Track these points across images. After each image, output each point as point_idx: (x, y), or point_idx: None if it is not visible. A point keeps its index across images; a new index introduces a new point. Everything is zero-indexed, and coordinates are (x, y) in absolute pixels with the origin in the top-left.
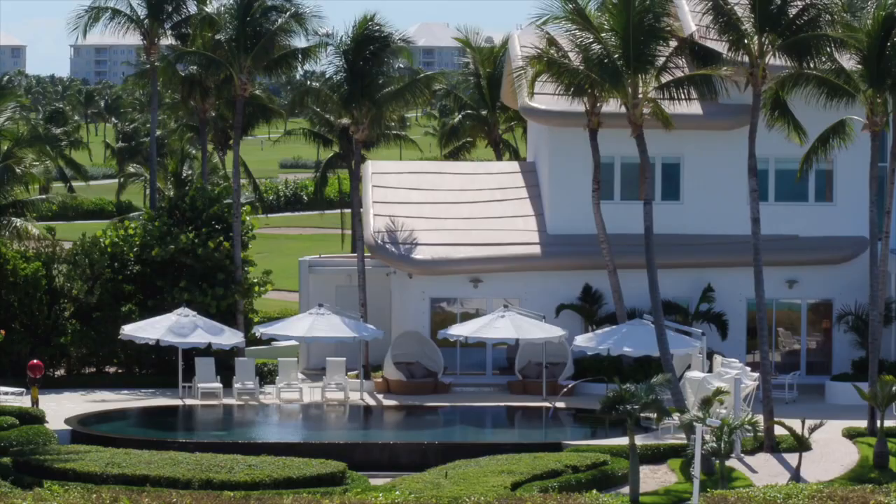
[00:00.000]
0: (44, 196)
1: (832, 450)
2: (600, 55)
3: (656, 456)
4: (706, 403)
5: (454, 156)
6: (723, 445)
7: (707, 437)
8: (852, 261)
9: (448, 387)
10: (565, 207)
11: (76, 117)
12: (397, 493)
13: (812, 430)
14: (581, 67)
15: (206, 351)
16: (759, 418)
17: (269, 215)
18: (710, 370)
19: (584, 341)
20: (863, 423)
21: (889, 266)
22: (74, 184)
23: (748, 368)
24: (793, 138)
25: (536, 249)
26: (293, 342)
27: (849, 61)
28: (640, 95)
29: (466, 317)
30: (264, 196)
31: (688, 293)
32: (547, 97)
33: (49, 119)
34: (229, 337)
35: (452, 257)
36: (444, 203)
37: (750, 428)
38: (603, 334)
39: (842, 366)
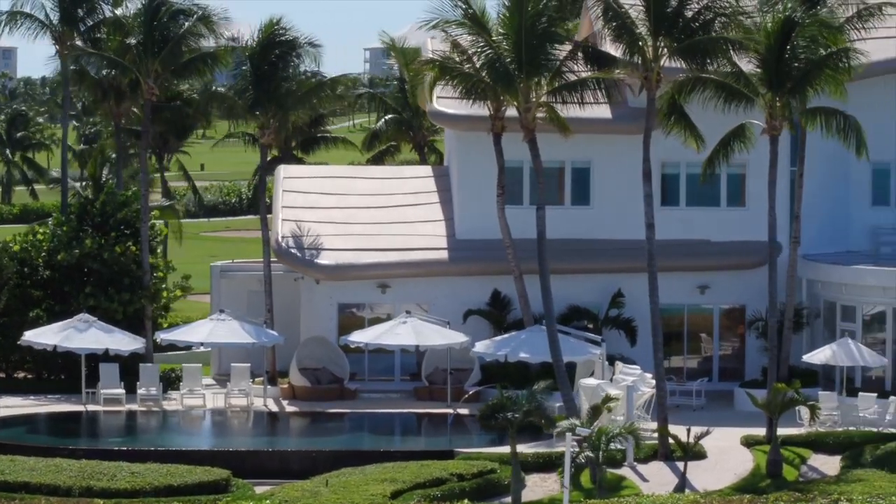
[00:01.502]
0: None
1: (728, 458)
2: (492, 59)
3: (548, 464)
4: (594, 411)
5: (378, 160)
6: (600, 454)
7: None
8: (765, 266)
9: (354, 393)
10: (474, 212)
11: (39, 119)
12: (267, 502)
13: (698, 438)
14: (473, 72)
15: (112, 357)
16: (653, 425)
17: (230, 218)
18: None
19: (483, 348)
20: (764, 431)
21: (800, 271)
22: (36, 187)
23: (649, 375)
24: (690, 144)
25: (444, 255)
26: (208, 348)
27: (748, 65)
28: (533, 100)
29: (376, 322)
30: (209, 199)
31: (598, 299)
32: (456, 101)
33: (11, 121)
34: (128, 342)
35: (359, 263)
36: (354, 208)
37: (629, 436)
38: (501, 341)
39: (754, 372)
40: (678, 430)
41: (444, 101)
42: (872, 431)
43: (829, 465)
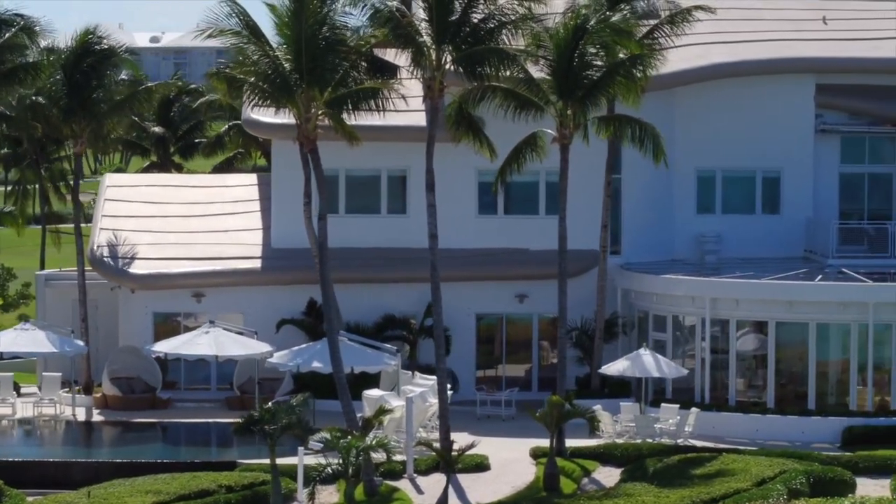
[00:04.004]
0: None
1: (510, 470)
2: (270, 68)
3: (328, 475)
4: (366, 424)
5: (224, 167)
6: (350, 467)
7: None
8: (583, 275)
9: (167, 402)
10: (289, 221)
11: None
12: None
13: (462, 451)
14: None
15: None
16: (435, 436)
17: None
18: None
19: (279, 358)
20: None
21: (617, 280)
22: None
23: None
24: (483, 153)
25: (257, 264)
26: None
27: (539, 73)
28: (314, 109)
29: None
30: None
31: (414, 308)
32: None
33: None
34: None
35: (171, 272)
36: (174, 217)
37: (381, 449)
38: (297, 350)
39: (572, 382)
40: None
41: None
42: (661, 443)
43: (612, 477)
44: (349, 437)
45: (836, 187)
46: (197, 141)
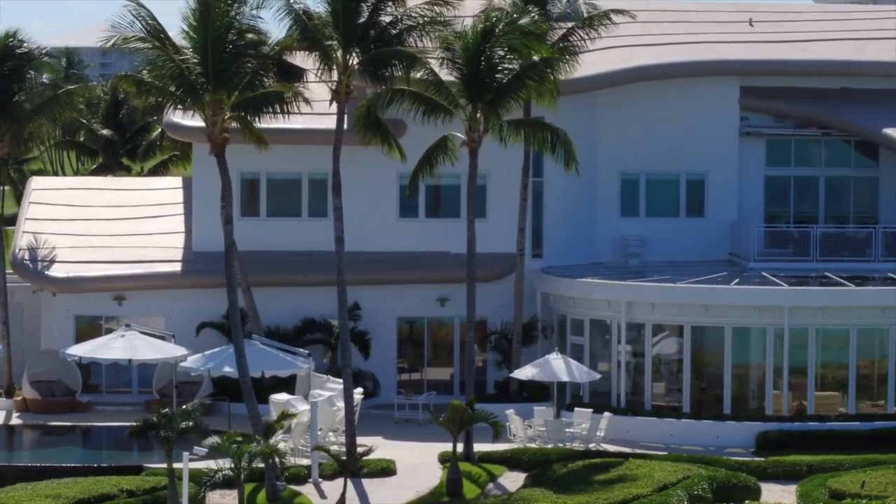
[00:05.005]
0: None
1: (417, 475)
2: (177, 73)
3: (219, 480)
4: (268, 429)
5: (158, 170)
6: (242, 472)
7: (225, 463)
8: (505, 278)
9: (87, 406)
10: (210, 224)
11: None
12: None
13: (361, 455)
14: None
15: None
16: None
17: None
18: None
19: (192, 362)
20: (480, 447)
21: (537, 284)
22: None
23: (359, 389)
24: (393, 156)
25: (177, 267)
26: None
27: (447, 76)
28: (221, 112)
29: None
30: None
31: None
32: None
33: None
34: None
35: (91, 275)
36: (97, 220)
37: (269, 454)
38: (210, 354)
39: (492, 386)
40: (385, 444)
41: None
42: (570, 448)
43: (518, 482)
44: (253, 441)
45: (762, 190)
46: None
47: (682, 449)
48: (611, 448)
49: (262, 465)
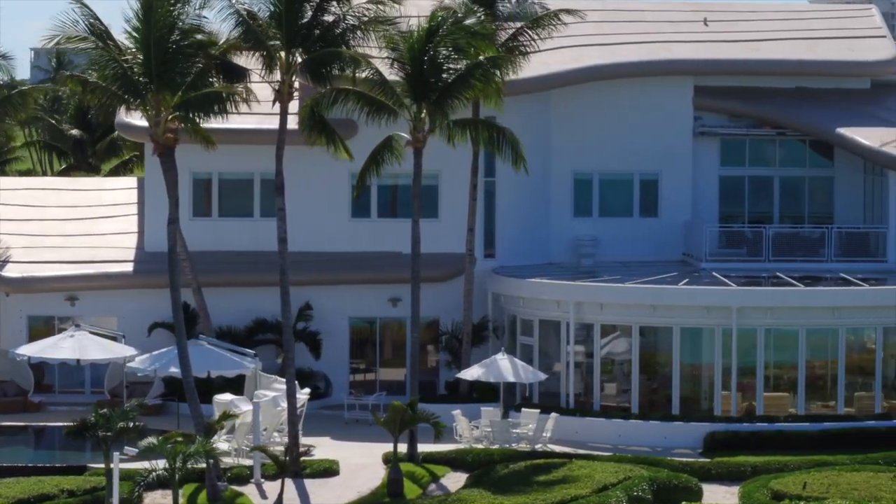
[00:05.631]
0: None
1: (359, 475)
2: (119, 73)
3: (153, 481)
4: (209, 429)
5: (119, 171)
6: (177, 473)
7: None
8: (457, 278)
9: (39, 406)
10: (162, 224)
11: None
12: None
13: (298, 456)
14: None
15: None
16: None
17: None
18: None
19: (139, 362)
20: (426, 448)
21: (489, 284)
22: None
23: (306, 390)
24: (340, 156)
25: (130, 267)
26: None
27: (394, 76)
28: (164, 113)
29: None
30: None
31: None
32: None
33: None
34: None
35: (44, 275)
36: (51, 220)
37: (204, 455)
38: (157, 355)
39: (442, 386)
40: (332, 445)
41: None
42: (514, 449)
43: (460, 483)
44: (193, 442)
45: (717, 190)
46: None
47: (629, 450)
48: (558, 449)
49: (203, 465)
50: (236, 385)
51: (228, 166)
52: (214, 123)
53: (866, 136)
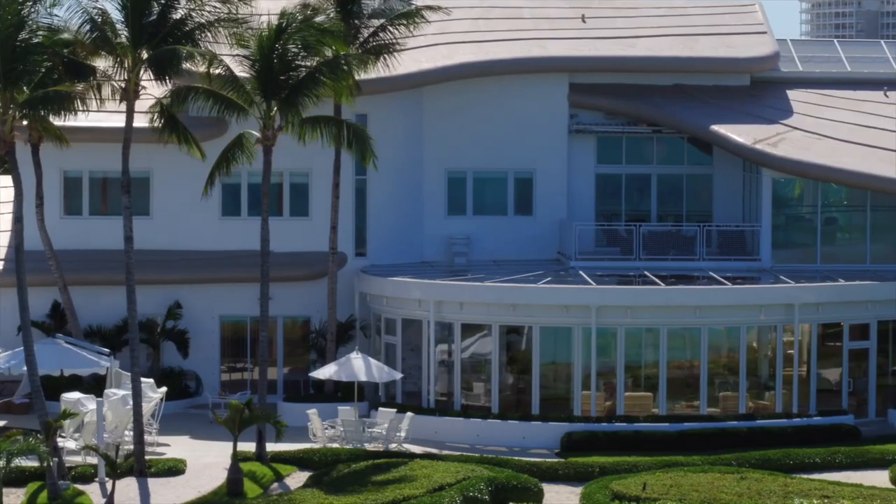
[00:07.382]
0: None
1: (205, 474)
2: None
3: (20, 479)
4: (47, 427)
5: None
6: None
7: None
8: (327, 276)
9: None
10: (31, 222)
11: None
12: None
13: (126, 457)
14: None
15: None
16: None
17: None
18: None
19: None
20: (280, 447)
21: (357, 283)
22: None
23: (162, 389)
24: (193, 154)
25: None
26: None
27: (244, 74)
28: (11, 111)
29: None
30: None
31: (158, 310)
32: None
33: None
34: None
35: None
36: None
37: (28, 453)
38: (12, 353)
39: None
40: (188, 443)
41: None
42: (362, 449)
43: (302, 482)
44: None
45: (593, 188)
46: None
47: (487, 450)
48: (414, 448)
49: (36, 464)
50: (99, 384)
51: (99, 165)
52: (81, 122)
53: (740, 134)
